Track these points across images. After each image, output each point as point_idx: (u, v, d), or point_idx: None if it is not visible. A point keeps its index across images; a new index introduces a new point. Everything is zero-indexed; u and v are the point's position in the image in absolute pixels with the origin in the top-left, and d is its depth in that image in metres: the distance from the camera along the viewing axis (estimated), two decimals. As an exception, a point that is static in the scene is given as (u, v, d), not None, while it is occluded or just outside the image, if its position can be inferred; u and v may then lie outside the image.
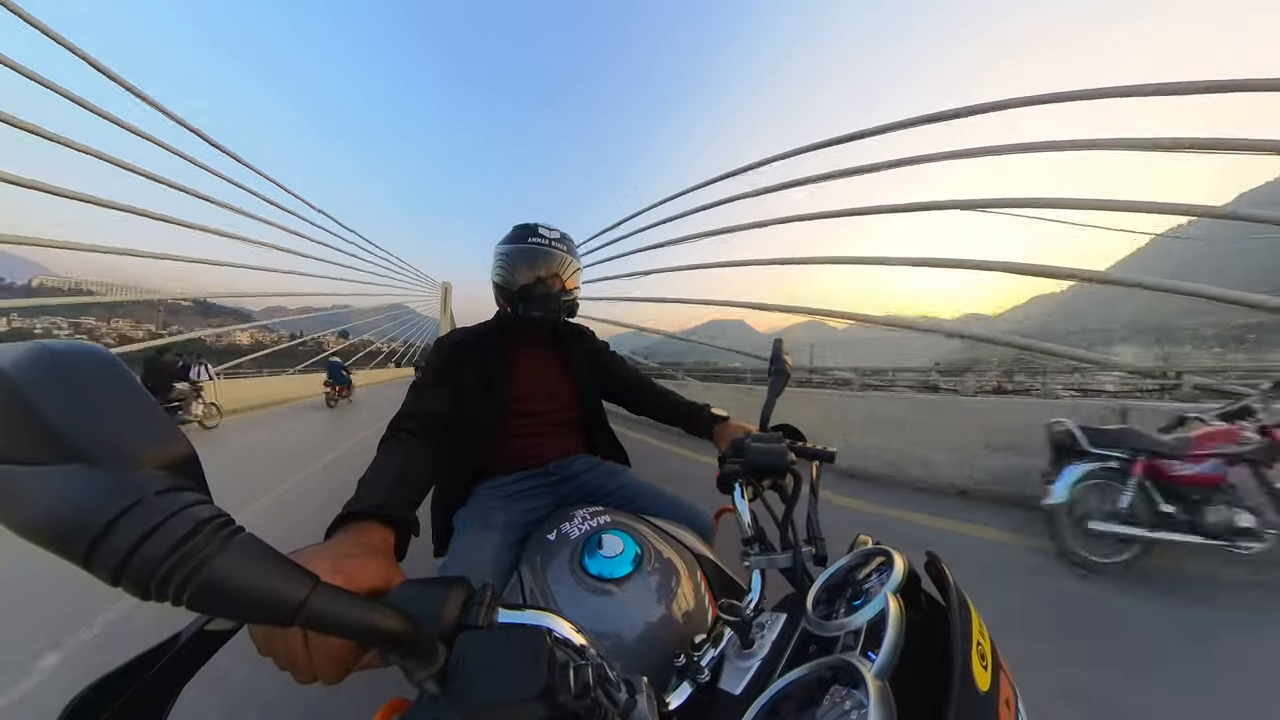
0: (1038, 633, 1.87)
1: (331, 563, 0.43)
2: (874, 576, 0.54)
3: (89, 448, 0.20)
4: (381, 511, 0.59)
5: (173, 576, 0.20)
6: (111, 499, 0.20)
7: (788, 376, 0.91)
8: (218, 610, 0.23)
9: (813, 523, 0.73)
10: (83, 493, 0.19)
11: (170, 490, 0.22)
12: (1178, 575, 2.34)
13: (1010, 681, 0.43)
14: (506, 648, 0.34)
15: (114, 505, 0.20)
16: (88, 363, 0.22)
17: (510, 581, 0.87)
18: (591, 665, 0.37)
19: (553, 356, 1.25)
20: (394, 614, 0.31)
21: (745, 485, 0.75)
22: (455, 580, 0.39)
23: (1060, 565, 2.46)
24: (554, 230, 1.15)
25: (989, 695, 0.38)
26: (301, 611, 0.25)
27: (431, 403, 0.95)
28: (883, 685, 0.35)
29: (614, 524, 0.84)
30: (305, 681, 0.37)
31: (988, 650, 0.43)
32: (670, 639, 0.66)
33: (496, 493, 1.10)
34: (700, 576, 0.81)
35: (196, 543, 0.21)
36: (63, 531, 0.19)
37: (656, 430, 6.46)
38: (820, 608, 0.55)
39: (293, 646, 0.36)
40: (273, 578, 0.24)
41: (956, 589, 0.48)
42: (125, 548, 0.19)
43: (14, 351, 0.21)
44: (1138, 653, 1.76)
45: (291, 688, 0.39)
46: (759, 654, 0.54)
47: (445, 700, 0.33)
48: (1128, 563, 2.36)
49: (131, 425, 0.22)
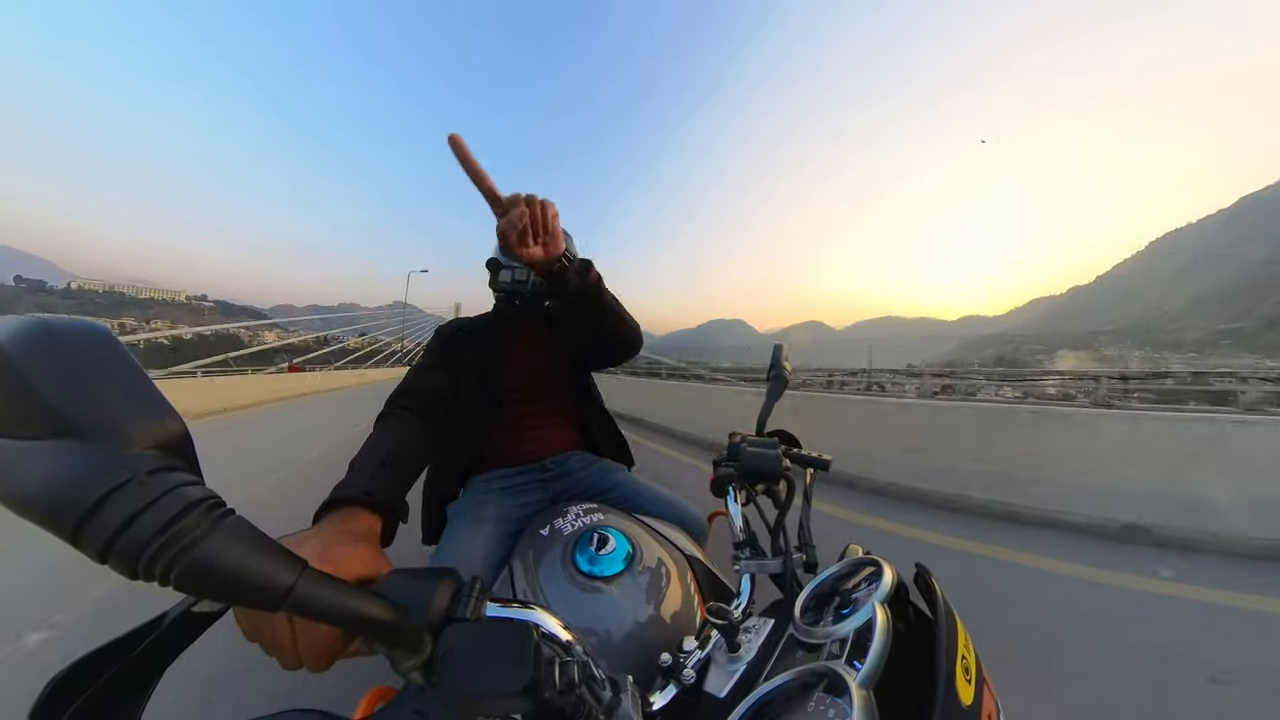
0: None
1: (319, 549, 0.44)
2: (863, 586, 0.54)
3: (82, 423, 0.20)
4: (370, 498, 0.59)
5: (161, 556, 0.20)
6: (103, 476, 0.19)
7: (786, 382, 0.91)
8: (205, 592, 0.23)
9: (804, 530, 0.73)
10: (74, 469, 0.19)
11: (162, 470, 0.22)
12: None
13: (993, 696, 0.43)
14: (493, 641, 0.34)
15: (105, 482, 0.19)
16: (84, 338, 0.22)
17: (501, 575, 0.87)
18: (577, 662, 0.37)
19: (548, 344, 1.25)
20: (381, 603, 0.31)
21: (739, 489, 0.76)
22: (444, 572, 0.39)
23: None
24: None
25: (972, 708, 0.38)
26: (289, 596, 0.25)
27: (429, 381, 0.96)
28: (867, 695, 0.35)
29: (607, 522, 0.84)
30: (291, 668, 0.37)
31: (972, 664, 0.43)
32: (658, 639, 0.66)
33: (491, 485, 1.11)
34: (690, 578, 0.81)
35: (186, 523, 0.21)
36: (53, 506, 0.19)
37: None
38: (808, 614, 0.55)
39: (279, 632, 0.36)
40: (261, 561, 0.24)
41: (944, 602, 0.48)
42: (114, 525, 0.19)
43: (9, 325, 0.21)
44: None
45: (277, 673, 0.39)
46: (745, 658, 0.54)
47: (430, 691, 0.34)
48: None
49: (126, 402, 0.22)
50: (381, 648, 0.33)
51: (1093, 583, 2.17)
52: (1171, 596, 2.01)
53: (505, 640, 0.34)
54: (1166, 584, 2.14)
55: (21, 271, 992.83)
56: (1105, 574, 2.23)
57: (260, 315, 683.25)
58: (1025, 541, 2.67)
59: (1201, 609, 1.91)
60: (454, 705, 0.33)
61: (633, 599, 0.70)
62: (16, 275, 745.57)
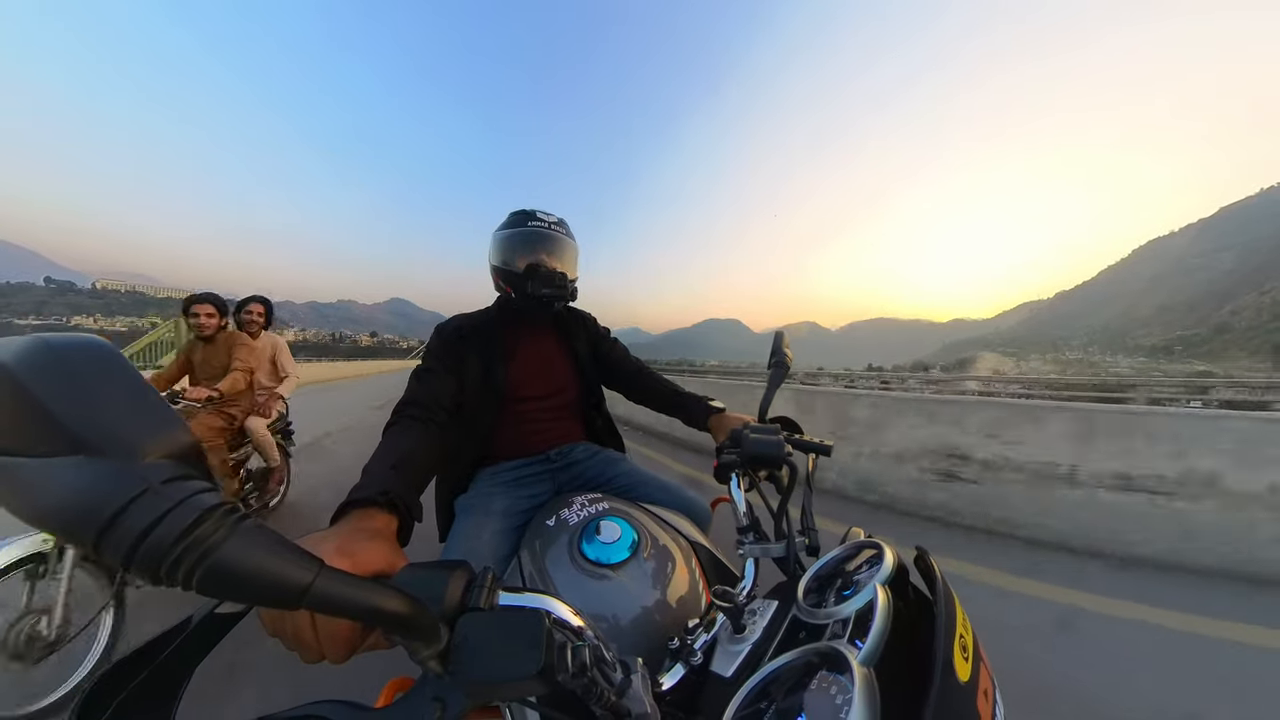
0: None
1: (336, 547, 0.45)
2: (864, 568, 0.56)
3: (94, 439, 0.20)
4: (385, 498, 0.59)
5: (181, 562, 0.21)
6: (118, 489, 0.20)
7: (787, 369, 0.91)
8: (226, 594, 0.24)
9: (806, 514, 0.74)
10: (90, 483, 0.20)
11: (176, 479, 0.22)
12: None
13: (990, 673, 0.44)
14: (507, 628, 0.35)
15: (121, 495, 0.20)
16: (87, 355, 0.22)
17: (510, 566, 0.89)
18: (588, 646, 0.38)
19: (554, 343, 1.25)
20: (398, 596, 0.31)
21: (742, 475, 0.77)
22: (457, 564, 0.40)
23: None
24: (551, 215, 1.15)
25: (969, 685, 0.40)
26: (308, 594, 0.25)
27: (433, 388, 0.95)
28: (868, 672, 0.37)
29: (612, 511, 0.85)
30: (312, 661, 0.39)
31: (970, 643, 0.44)
32: (665, 623, 0.68)
33: (497, 479, 1.12)
34: (695, 563, 0.82)
35: (204, 529, 0.21)
36: (72, 521, 0.19)
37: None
38: (811, 596, 0.56)
39: (300, 627, 0.37)
40: (279, 562, 0.25)
41: (943, 583, 0.49)
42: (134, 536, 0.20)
43: (13, 346, 0.21)
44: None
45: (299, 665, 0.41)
46: (750, 639, 0.56)
47: (449, 679, 0.35)
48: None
49: (134, 415, 0.23)
50: (400, 639, 0.34)
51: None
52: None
53: (518, 627, 0.35)
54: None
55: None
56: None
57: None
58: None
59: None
60: (472, 690, 0.34)
61: (639, 585, 0.71)
62: (46, 277, 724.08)
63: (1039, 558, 2.57)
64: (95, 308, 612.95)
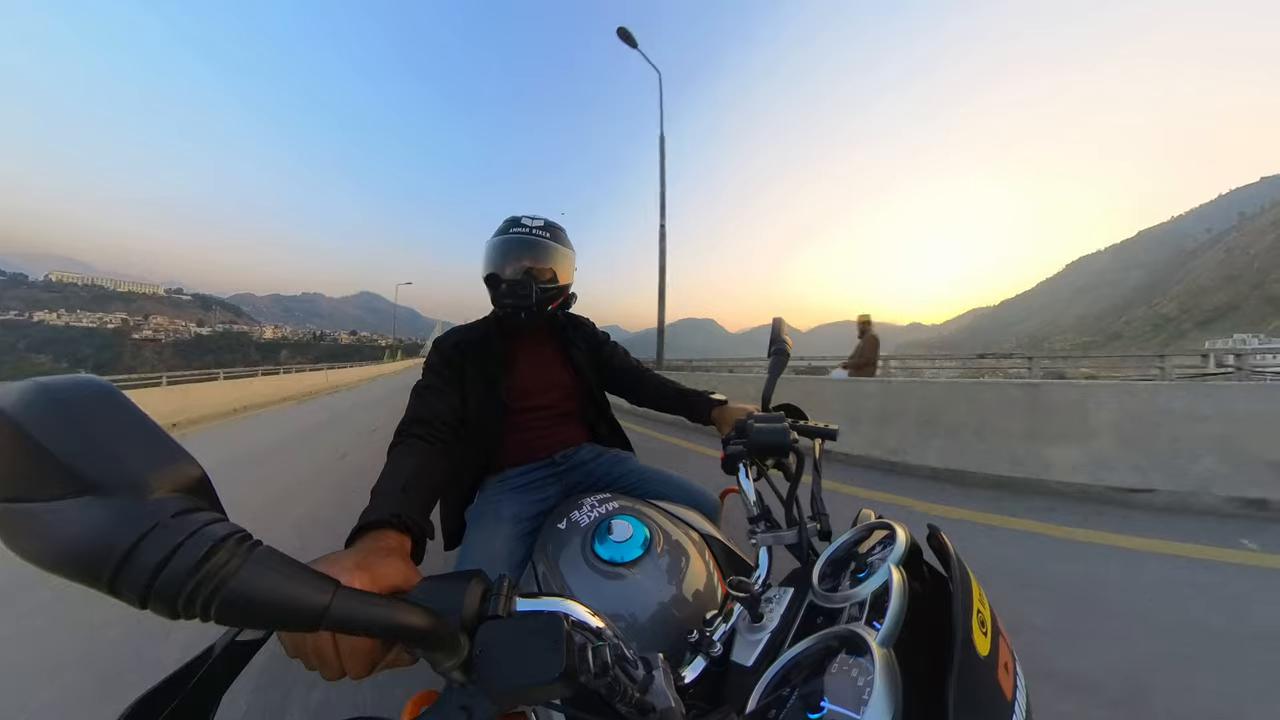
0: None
1: (354, 564, 0.45)
2: (877, 549, 0.56)
3: (100, 478, 0.20)
4: (397, 520, 0.60)
5: (198, 595, 0.21)
6: (128, 527, 0.20)
7: (787, 356, 0.91)
8: (245, 621, 0.24)
9: (816, 499, 0.74)
10: (99, 523, 0.19)
11: (185, 512, 0.22)
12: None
13: (1009, 646, 0.44)
14: (527, 634, 0.36)
15: (132, 532, 0.20)
16: (85, 394, 0.22)
17: (525, 572, 0.89)
18: (609, 645, 0.38)
19: (553, 349, 1.25)
20: (417, 610, 0.32)
21: (749, 465, 0.77)
22: (473, 573, 0.40)
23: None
24: (538, 219, 1.14)
25: (989, 660, 0.40)
26: (326, 615, 0.26)
27: (435, 405, 0.95)
28: (887, 653, 0.37)
29: (622, 509, 0.85)
30: (334, 679, 0.39)
31: (987, 617, 0.44)
32: (683, 617, 0.68)
33: (504, 486, 1.12)
34: (709, 556, 0.83)
35: (217, 560, 0.21)
36: (85, 562, 0.19)
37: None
38: (826, 581, 0.56)
39: (321, 647, 0.37)
40: (295, 586, 0.25)
41: (957, 559, 0.49)
42: (148, 572, 0.20)
43: (11, 392, 0.21)
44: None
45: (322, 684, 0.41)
46: (768, 627, 0.56)
47: (472, 688, 0.35)
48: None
49: (139, 452, 0.22)
50: (421, 652, 0.34)
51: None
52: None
53: (538, 632, 0.35)
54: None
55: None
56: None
57: (232, 309, 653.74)
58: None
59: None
60: (496, 697, 0.34)
61: (655, 581, 0.72)
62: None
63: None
64: (52, 302, 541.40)
